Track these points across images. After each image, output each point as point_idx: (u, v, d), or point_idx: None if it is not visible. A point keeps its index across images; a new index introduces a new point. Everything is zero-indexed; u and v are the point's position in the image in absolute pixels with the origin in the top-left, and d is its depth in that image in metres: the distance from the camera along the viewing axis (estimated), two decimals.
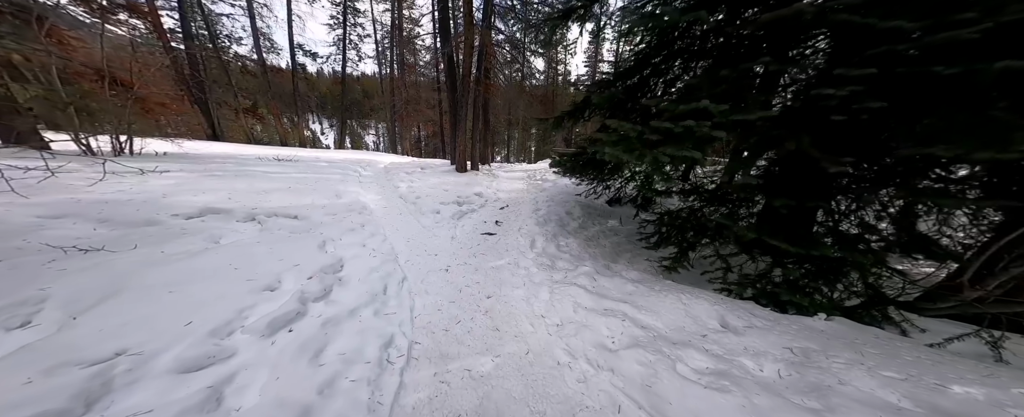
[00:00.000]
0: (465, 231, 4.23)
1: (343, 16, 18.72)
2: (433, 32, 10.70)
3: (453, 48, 8.11)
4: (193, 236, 2.82)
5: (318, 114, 31.07)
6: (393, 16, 18.02)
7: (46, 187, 2.94)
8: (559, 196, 5.67)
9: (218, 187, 4.36)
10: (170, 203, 3.48)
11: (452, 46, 8.05)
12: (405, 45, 18.07)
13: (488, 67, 8.42)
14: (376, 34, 19.83)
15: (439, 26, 8.39)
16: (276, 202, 4.18)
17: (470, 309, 2.48)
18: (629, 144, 2.05)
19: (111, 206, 3.12)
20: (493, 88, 8.55)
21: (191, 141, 11.93)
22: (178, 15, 14.49)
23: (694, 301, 2.19)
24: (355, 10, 18.92)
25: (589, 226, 4.38)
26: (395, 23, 18.09)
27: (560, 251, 3.53)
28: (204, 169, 5.37)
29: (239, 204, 3.82)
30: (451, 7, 8.82)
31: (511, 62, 10.78)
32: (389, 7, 18.28)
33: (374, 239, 3.59)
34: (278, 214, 3.84)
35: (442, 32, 8.36)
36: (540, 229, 4.16)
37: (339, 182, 6.03)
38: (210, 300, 1.92)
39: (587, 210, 4.85)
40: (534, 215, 4.78)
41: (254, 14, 16.68)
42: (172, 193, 3.78)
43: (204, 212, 3.44)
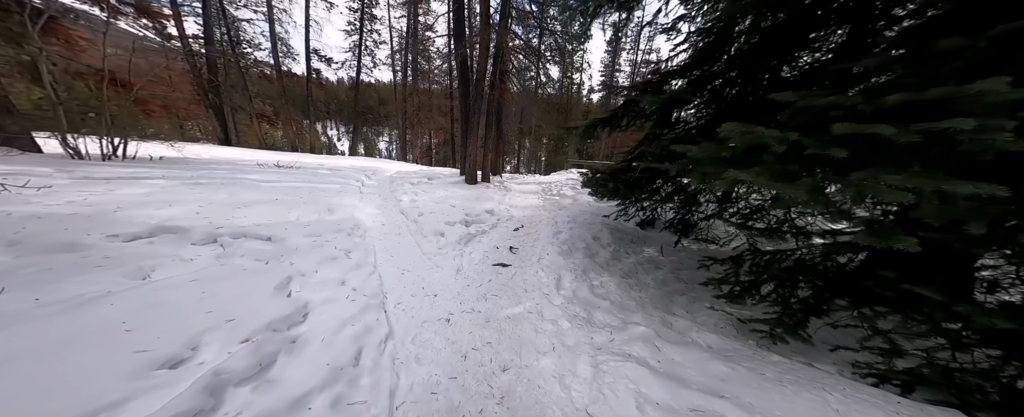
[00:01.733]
0: (473, 260, 3.46)
1: (360, 22, 18.64)
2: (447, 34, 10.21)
3: (467, 50, 7.53)
4: (114, 269, 2.12)
5: (335, 120, 31.18)
6: (409, 22, 17.83)
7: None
8: (581, 216, 4.88)
9: (192, 198, 3.74)
10: (119, 219, 2.84)
11: (467, 47, 7.47)
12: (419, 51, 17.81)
13: (503, 71, 7.80)
14: (392, 40, 19.70)
15: (454, 27, 7.86)
16: (252, 218, 3.51)
17: (478, 392, 1.70)
18: (777, 170, 1.21)
19: (41, 223, 2.50)
20: (508, 94, 7.91)
21: (196, 145, 11.66)
22: (202, 20, 14.54)
23: (855, 410, 1.35)
24: (372, 16, 18.85)
25: (623, 256, 3.56)
26: (410, 29, 17.88)
27: (595, 295, 2.73)
28: (190, 177, 4.78)
29: (205, 221, 3.15)
30: (467, 7, 8.29)
31: (526, 68, 10.19)
32: (405, 13, 18.11)
33: (358, 273, 2.84)
34: (248, 235, 3.15)
35: (457, 33, 7.81)
36: (565, 261, 3.36)
37: (336, 193, 5.39)
38: (55, 389, 1.18)
39: (616, 234, 4.04)
40: (555, 240, 4.00)
41: (273, 19, 16.66)
42: (132, 205, 3.16)
43: (156, 231, 2.78)
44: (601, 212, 4.97)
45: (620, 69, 19.26)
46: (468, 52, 7.65)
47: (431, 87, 19.53)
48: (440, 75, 18.92)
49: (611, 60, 19.53)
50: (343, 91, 29.35)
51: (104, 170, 4.35)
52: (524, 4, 8.44)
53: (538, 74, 11.24)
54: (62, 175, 3.78)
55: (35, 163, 4.22)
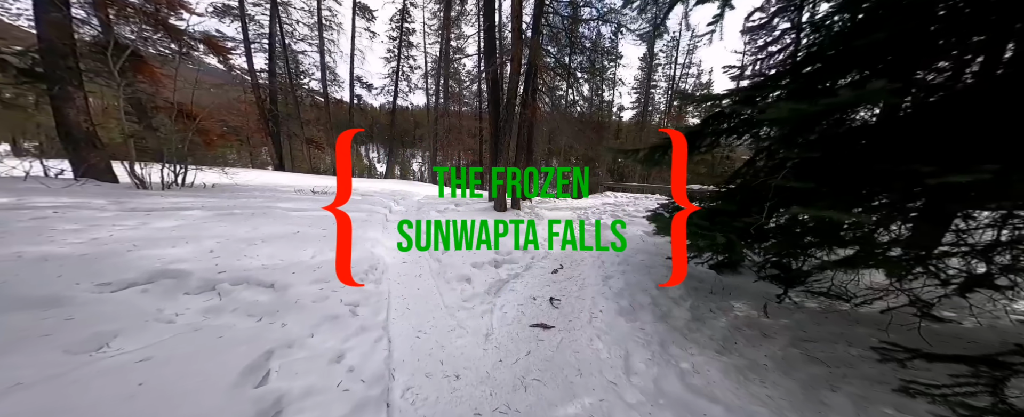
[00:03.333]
0: (506, 318, 2.72)
1: (398, 49, 19.47)
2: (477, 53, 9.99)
3: (498, 67, 7.11)
4: (65, 337, 1.66)
5: (375, 143, 32.68)
6: (441, 46, 18.32)
7: (25, 230, 2.67)
8: (634, 255, 4.02)
9: (214, 233, 3.38)
10: (126, 261, 2.46)
11: (497, 65, 7.06)
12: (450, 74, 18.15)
13: (535, 89, 7.28)
14: (425, 65, 20.33)
15: (484, 46, 7.54)
16: (263, 258, 3.03)
17: None
18: None
19: (46, 265, 2.20)
20: (539, 113, 7.36)
21: (251, 171, 12.31)
22: (268, 56, 15.96)
23: None
24: (409, 43, 19.63)
25: (706, 316, 2.65)
26: (442, 52, 18.35)
27: (692, 390, 1.86)
28: (226, 207, 4.57)
29: (212, 263, 2.71)
30: (498, 26, 7.99)
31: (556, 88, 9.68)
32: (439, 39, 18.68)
33: (362, 340, 2.20)
34: (251, 280, 2.64)
35: (487, 51, 7.47)
36: (629, 325, 2.53)
37: (362, 222, 4.91)
38: None
39: (687, 282, 3.13)
40: (606, 289, 3.18)
41: (324, 50, 17.78)
42: (151, 243, 2.84)
43: (156, 276, 2.36)
44: (658, 249, 4.08)
45: (656, 84, 18.43)
46: (498, 70, 7.25)
47: (461, 109, 19.76)
48: (470, 97, 19.12)
49: (646, 76, 18.75)
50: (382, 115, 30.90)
51: (153, 201, 4.32)
52: (556, 20, 8.02)
53: (568, 92, 10.70)
54: (114, 207, 3.74)
55: (99, 194, 4.40)
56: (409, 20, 19.20)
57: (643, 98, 19.03)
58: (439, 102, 19.38)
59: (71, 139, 5.40)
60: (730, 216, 2.09)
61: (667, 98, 19.90)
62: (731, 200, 2.25)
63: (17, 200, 3.61)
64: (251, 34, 15.54)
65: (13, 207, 3.31)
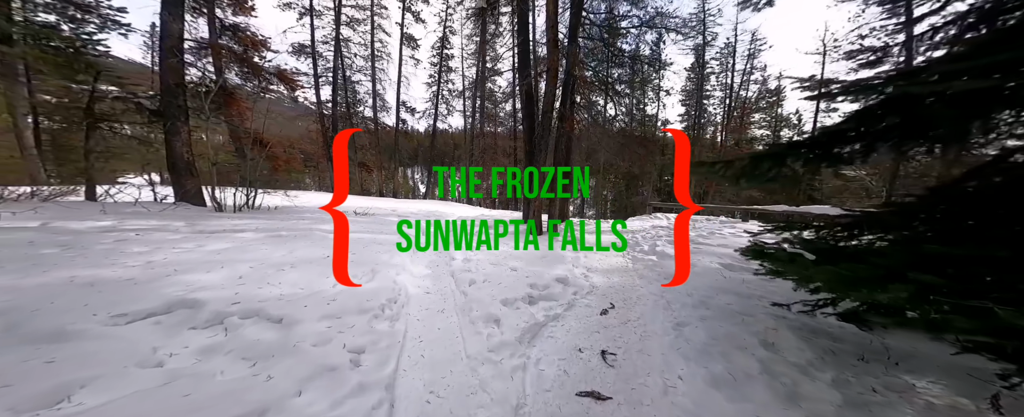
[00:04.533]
0: (544, 381, 1.97)
1: (438, 74, 20.44)
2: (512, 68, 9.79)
3: (532, 80, 6.67)
4: (24, 387, 1.26)
5: (420, 164, 34.28)
6: (478, 68, 18.87)
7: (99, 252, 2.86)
8: (714, 294, 3.08)
9: (252, 257, 3.30)
10: (159, 287, 2.41)
11: (532, 77, 6.62)
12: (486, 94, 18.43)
13: (573, 101, 6.70)
14: (463, 87, 21.01)
15: (519, 58, 7.20)
16: (285, 286, 2.76)
17: None
18: None
19: (87, 291, 2.21)
20: (576, 126, 6.72)
21: (310, 193, 13.26)
22: (332, 88, 17.76)
23: None
24: (448, 68, 20.59)
25: (870, 400, 1.65)
26: (479, 74, 18.89)
27: None
28: (276, 228, 4.69)
29: (233, 292, 2.48)
30: (533, 39, 7.67)
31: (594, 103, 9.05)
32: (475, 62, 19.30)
33: (357, 404, 1.65)
34: (262, 313, 2.35)
35: (521, 65, 7.10)
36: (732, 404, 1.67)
37: (388, 250, 4.42)
38: None
39: (813, 340, 2.16)
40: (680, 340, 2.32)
41: (375, 79, 19.14)
42: (191, 267, 2.84)
43: (174, 306, 2.23)
44: (751, 290, 3.10)
45: (710, 94, 17.13)
46: (533, 83, 6.80)
47: (496, 129, 19.91)
48: (505, 117, 19.22)
49: (697, 86, 17.52)
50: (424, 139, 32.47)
51: (220, 223, 4.57)
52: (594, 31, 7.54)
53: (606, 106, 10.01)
54: (186, 229, 3.98)
55: (184, 216, 4.81)
56: (449, 46, 20.20)
57: (694, 109, 17.68)
58: (475, 123, 19.67)
59: (175, 168, 6.07)
60: (909, 244, 1.23)
61: (724, 108, 18.29)
62: (910, 220, 1.37)
63: (115, 223, 3.96)
64: (319, 69, 17.37)
65: (107, 229, 3.61)
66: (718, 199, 16.09)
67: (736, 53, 16.71)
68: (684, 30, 7.18)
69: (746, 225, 7.66)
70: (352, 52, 18.47)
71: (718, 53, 17.31)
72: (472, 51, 19.76)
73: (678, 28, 8.22)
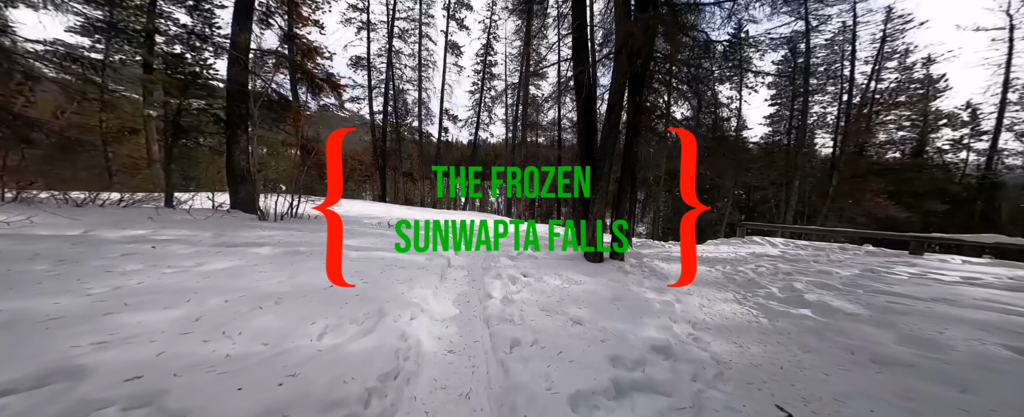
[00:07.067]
0: None
1: (481, 81, 20.08)
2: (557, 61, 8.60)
3: (591, 68, 5.40)
4: None
5: None
6: (522, 71, 18.16)
7: (90, 271, 2.49)
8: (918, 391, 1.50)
9: (241, 285, 2.60)
10: (61, 339, 1.70)
11: (590, 64, 5.36)
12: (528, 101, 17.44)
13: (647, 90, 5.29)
14: (506, 95, 20.38)
15: (574, 44, 5.98)
16: (241, 340, 1.87)
17: None
18: None
19: None
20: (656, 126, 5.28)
21: (353, 202, 13.23)
22: (384, 98, 18.27)
23: None
24: (491, 75, 20.17)
25: None
26: (522, 77, 18.16)
27: None
28: (298, 243, 4.09)
29: (159, 348, 1.70)
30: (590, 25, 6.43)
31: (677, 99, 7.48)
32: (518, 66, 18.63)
33: None
34: (158, 404, 1.35)
35: (576, 51, 5.86)
36: None
37: (407, 280, 3.22)
38: None
39: None
40: None
41: (421, 88, 19.35)
42: (148, 300, 2.28)
43: (50, 377, 1.41)
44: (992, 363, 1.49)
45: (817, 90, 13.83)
46: (592, 71, 5.53)
47: (538, 139, 18.88)
48: (548, 126, 18.15)
49: (790, 86, 14.65)
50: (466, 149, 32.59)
51: (247, 234, 4.34)
52: None
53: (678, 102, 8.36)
54: (208, 241, 3.75)
55: (219, 225, 4.65)
56: (492, 53, 19.73)
57: (800, 110, 14.37)
58: (517, 131, 18.82)
59: (232, 176, 6.19)
60: None
61: (838, 107, 14.45)
62: None
63: (147, 232, 3.80)
64: (373, 80, 17.91)
65: (133, 239, 3.45)
66: (833, 219, 12.93)
67: (857, 38, 13.42)
68: (784, 9, 5.52)
69: (925, 261, 5.10)
70: (403, 63, 18.77)
71: (826, 41, 14.16)
72: (514, 55, 19.10)
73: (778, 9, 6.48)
